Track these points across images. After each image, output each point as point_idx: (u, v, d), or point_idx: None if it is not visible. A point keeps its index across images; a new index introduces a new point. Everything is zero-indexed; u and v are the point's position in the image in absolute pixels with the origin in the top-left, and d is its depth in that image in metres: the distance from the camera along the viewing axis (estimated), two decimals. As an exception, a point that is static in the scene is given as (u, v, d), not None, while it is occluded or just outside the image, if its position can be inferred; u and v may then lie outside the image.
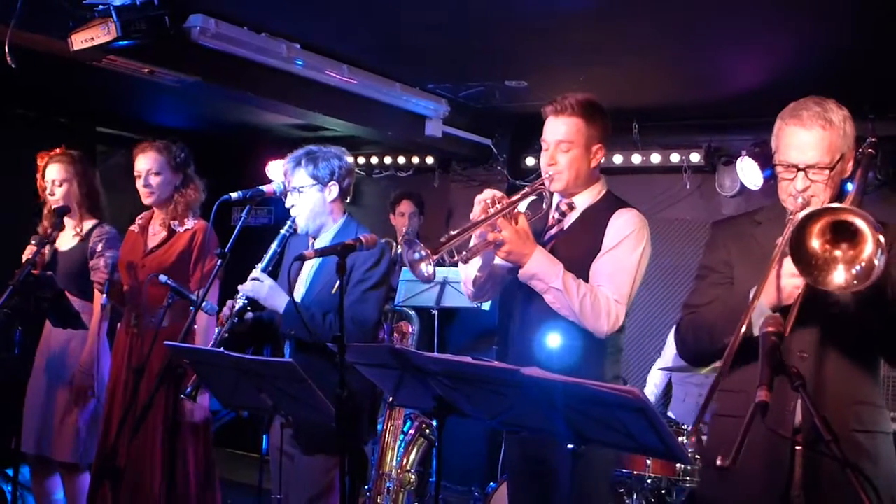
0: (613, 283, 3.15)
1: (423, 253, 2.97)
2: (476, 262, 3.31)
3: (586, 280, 3.17)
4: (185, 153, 4.48)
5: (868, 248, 2.24)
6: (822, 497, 2.48)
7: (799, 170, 2.59)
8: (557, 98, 3.28)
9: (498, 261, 3.28)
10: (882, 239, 2.21)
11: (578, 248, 3.24)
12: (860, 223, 2.25)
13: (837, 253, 2.31)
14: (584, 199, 3.34)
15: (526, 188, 3.30)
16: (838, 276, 2.29)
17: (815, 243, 2.32)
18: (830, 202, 2.59)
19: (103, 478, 4.21)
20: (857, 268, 2.26)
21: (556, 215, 3.37)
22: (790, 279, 2.45)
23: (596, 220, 3.27)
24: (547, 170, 3.27)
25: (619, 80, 5.55)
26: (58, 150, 4.80)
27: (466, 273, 3.40)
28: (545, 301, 3.15)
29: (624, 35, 4.75)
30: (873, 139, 2.69)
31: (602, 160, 3.33)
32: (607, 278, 3.16)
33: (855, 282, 2.26)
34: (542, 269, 3.11)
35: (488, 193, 3.15)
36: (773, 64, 5.15)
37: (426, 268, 2.99)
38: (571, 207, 3.34)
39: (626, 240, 3.20)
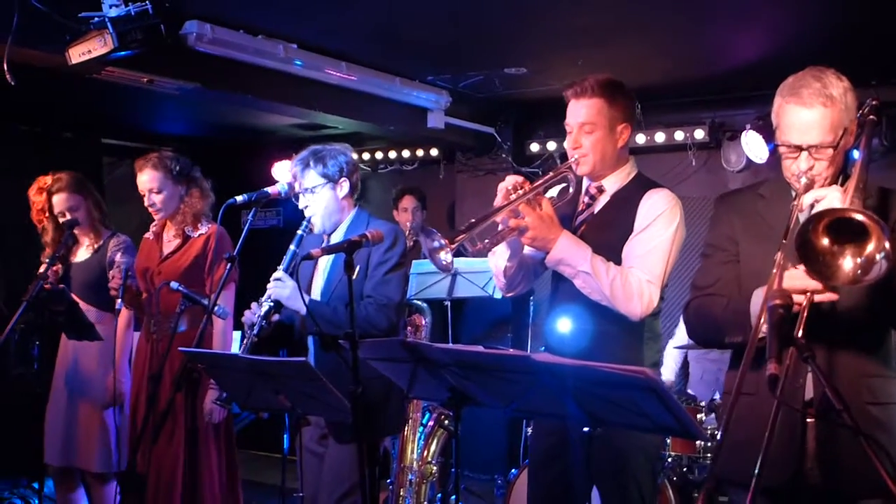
0: (645, 263, 3.10)
1: (441, 242, 2.93)
2: (504, 253, 3.28)
3: (620, 264, 3.14)
4: (181, 163, 4.45)
5: (871, 245, 2.22)
6: (836, 469, 2.47)
7: (802, 150, 2.55)
8: (577, 80, 3.23)
9: (528, 250, 3.25)
10: (888, 246, 2.18)
11: (610, 231, 3.20)
12: (864, 220, 2.22)
13: (844, 249, 2.26)
14: (614, 182, 3.29)
15: (550, 173, 3.25)
16: (845, 271, 2.26)
17: (822, 241, 2.28)
18: (834, 178, 2.57)
19: (128, 487, 4.24)
20: (861, 259, 2.24)
21: (586, 199, 3.31)
22: (797, 281, 2.39)
23: (627, 202, 3.22)
24: (572, 153, 3.23)
25: (618, 61, 5.53)
26: (49, 180, 4.82)
27: (496, 265, 3.36)
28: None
29: (622, 15, 4.73)
30: (874, 102, 2.65)
31: (628, 139, 3.27)
32: (639, 259, 3.11)
33: (859, 271, 2.24)
34: (569, 254, 3.06)
35: (510, 180, 3.11)
36: (773, 35, 5.12)
37: (445, 256, 2.95)
38: (601, 191, 3.29)
39: (658, 219, 3.14)
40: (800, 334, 2.26)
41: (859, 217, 2.23)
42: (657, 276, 3.10)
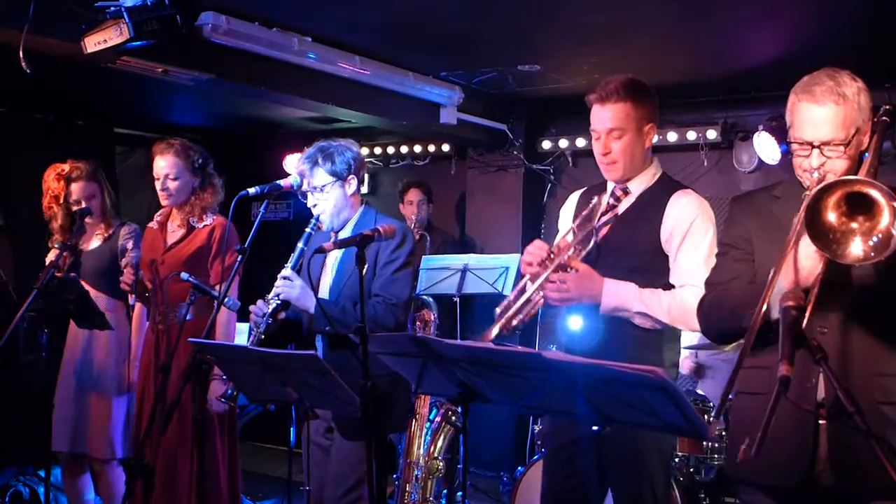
0: (697, 277, 3.08)
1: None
2: None
3: (644, 267, 3.15)
4: (203, 157, 4.47)
5: (885, 219, 2.22)
6: (849, 472, 2.47)
7: (814, 147, 2.55)
8: (600, 84, 3.21)
9: None
10: None
11: (634, 231, 3.21)
12: (875, 194, 2.23)
13: (854, 225, 2.28)
14: (640, 183, 3.29)
15: (574, 234, 3.22)
16: (856, 248, 2.27)
17: (832, 217, 2.29)
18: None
19: (136, 475, 4.25)
20: (875, 239, 2.24)
21: (611, 201, 3.30)
22: (808, 261, 2.42)
23: (652, 204, 3.23)
24: (602, 160, 3.23)
25: (631, 60, 5.52)
26: (67, 167, 4.84)
27: None
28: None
29: (635, 13, 4.72)
30: (887, 107, 2.65)
31: (653, 139, 3.28)
32: (689, 274, 3.12)
33: (873, 253, 2.24)
34: (619, 300, 3.09)
35: (531, 251, 3.12)
36: (787, 36, 5.11)
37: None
38: (626, 193, 3.28)
39: (694, 229, 3.16)
40: (804, 324, 2.26)
41: (870, 190, 2.23)
42: None
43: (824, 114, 2.54)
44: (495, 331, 3.07)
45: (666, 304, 3.07)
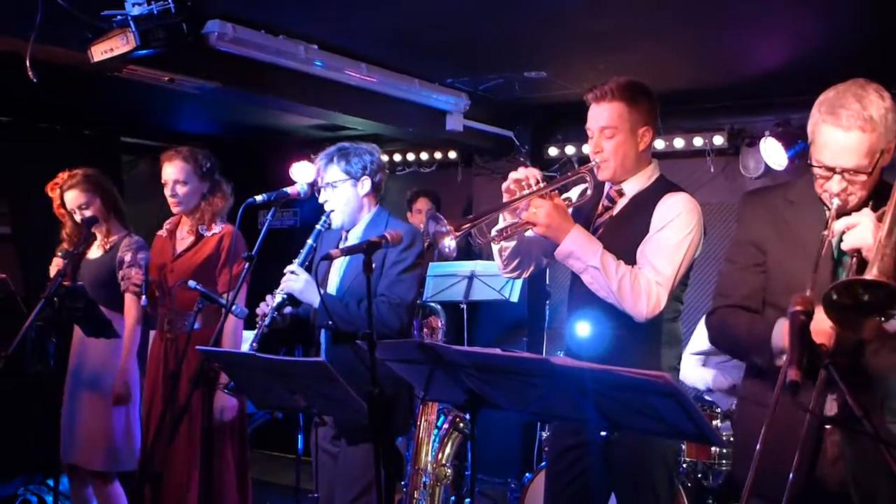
0: (656, 264, 3.08)
1: (447, 227, 2.98)
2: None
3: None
4: (211, 161, 4.50)
5: None
6: (855, 479, 2.45)
7: (835, 172, 2.49)
8: (597, 84, 3.23)
9: (528, 233, 3.24)
10: None
11: (627, 232, 3.20)
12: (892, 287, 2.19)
13: (867, 300, 2.23)
14: (634, 185, 3.28)
15: (568, 174, 3.27)
16: (869, 325, 2.25)
17: (847, 299, 2.24)
18: (868, 198, 2.52)
19: (144, 483, 4.25)
20: (889, 319, 2.24)
21: (606, 202, 3.32)
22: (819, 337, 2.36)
23: (645, 205, 3.22)
24: (594, 158, 3.24)
25: (638, 66, 5.50)
26: (65, 176, 4.84)
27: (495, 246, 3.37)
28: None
29: (643, 20, 4.71)
30: None
31: (650, 142, 3.27)
32: (650, 260, 3.10)
33: (885, 326, 2.25)
34: (579, 248, 3.05)
35: (522, 172, 3.12)
36: (793, 43, 5.09)
37: (449, 242, 3.00)
38: (621, 194, 3.29)
39: (672, 222, 3.13)
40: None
41: (886, 284, 2.19)
42: (667, 278, 3.07)
43: (848, 141, 2.45)
44: (466, 226, 3.03)
45: (621, 273, 3.03)
